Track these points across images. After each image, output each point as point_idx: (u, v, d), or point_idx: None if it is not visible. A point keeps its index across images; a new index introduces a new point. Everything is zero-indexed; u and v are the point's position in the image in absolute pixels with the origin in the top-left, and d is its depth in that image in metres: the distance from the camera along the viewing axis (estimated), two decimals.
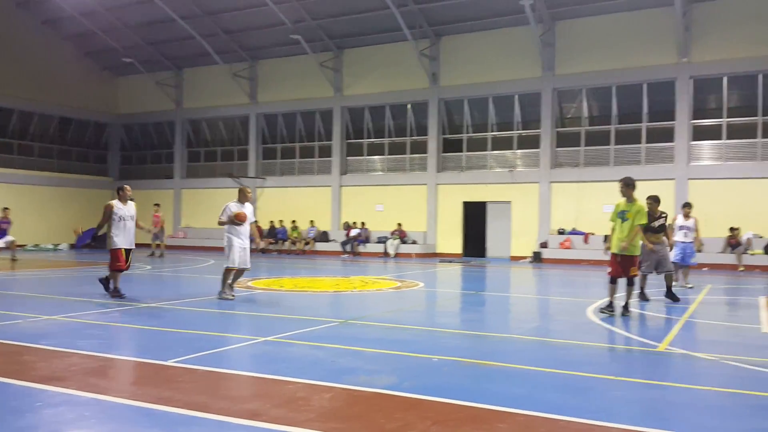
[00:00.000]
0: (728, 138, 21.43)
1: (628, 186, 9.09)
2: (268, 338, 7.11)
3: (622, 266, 9.05)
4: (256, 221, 10.96)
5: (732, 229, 20.18)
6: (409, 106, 26.68)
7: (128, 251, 10.50)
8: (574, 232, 23.07)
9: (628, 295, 9.06)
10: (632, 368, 6.00)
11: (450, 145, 26.07)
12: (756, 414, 4.51)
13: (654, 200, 10.92)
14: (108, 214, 10.35)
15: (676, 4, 20.36)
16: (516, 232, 24.41)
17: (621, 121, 23.08)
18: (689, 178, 21.40)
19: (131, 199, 10.75)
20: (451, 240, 25.42)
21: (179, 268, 18.02)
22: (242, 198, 10.65)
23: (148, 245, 23.17)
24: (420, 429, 4.03)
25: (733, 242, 20.05)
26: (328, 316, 9.05)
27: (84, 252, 26.49)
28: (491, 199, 24.92)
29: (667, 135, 22.11)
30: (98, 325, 7.94)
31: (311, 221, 27.37)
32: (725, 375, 5.77)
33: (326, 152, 28.35)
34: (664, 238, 11.04)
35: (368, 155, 27.67)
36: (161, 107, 32.30)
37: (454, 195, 25.40)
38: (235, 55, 29.13)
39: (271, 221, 28.18)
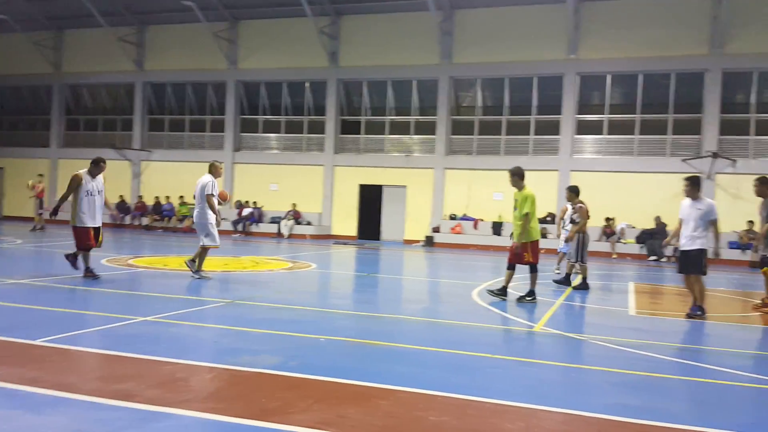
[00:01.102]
0: (609, 133, 22.83)
1: (513, 175, 9.37)
2: (148, 318, 6.78)
3: (518, 253, 9.18)
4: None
5: (607, 219, 21.59)
6: (307, 84, 26.32)
7: (96, 230, 9.59)
8: (465, 218, 23.80)
9: (532, 282, 9.24)
10: (510, 347, 6.26)
11: (348, 127, 26.02)
12: (619, 391, 4.82)
13: (570, 190, 11.35)
14: (74, 186, 9.41)
15: (568, 1, 21.33)
16: (410, 216, 24.84)
17: (512, 112, 23.97)
18: (572, 170, 22.61)
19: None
20: (346, 222, 25.48)
21: (56, 243, 16.84)
22: (217, 173, 10.39)
23: (32, 219, 21.51)
24: (301, 408, 4.00)
25: (608, 231, 21.47)
26: (214, 296, 8.77)
27: None
28: (387, 182, 25.16)
29: (554, 128, 23.23)
30: None
31: None
32: (593, 354, 6.15)
33: (218, 127, 27.43)
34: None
35: (263, 132, 27.07)
36: (38, 70, 29.83)
37: (350, 177, 25.42)
38: (122, 18, 27.39)
39: (157, 197, 26.99)
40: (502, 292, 9.30)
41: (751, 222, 20.32)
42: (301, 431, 3.59)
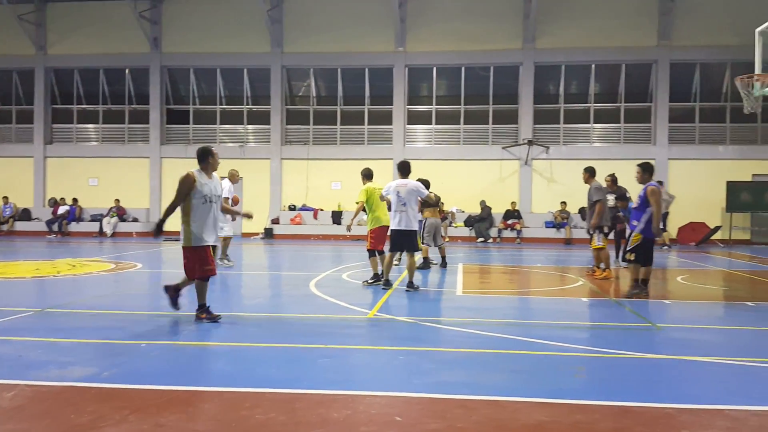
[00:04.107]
0: (437, 123, 23.89)
1: (362, 175, 10.49)
2: None
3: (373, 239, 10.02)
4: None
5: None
6: (127, 71, 24.60)
7: (214, 249, 7.15)
8: (304, 208, 23.70)
9: (378, 266, 9.96)
10: (342, 336, 6.26)
11: (175, 117, 24.73)
12: (442, 368, 5.00)
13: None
14: (186, 191, 6.91)
15: None
16: (247, 209, 24.13)
17: (346, 102, 24.22)
18: (405, 159, 23.31)
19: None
20: (178, 217, 24.07)
21: None
22: (234, 180, 11.82)
23: None
24: (115, 420, 3.71)
25: (440, 216, 22.48)
26: (19, 305, 7.85)
27: None
28: (222, 174, 24.15)
29: (387, 118, 23.83)
30: None
31: (5, 197, 23.76)
32: (420, 335, 6.35)
33: (26, 118, 24.81)
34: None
35: (79, 123, 24.91)
36: None
37: (180, 169, 23.93)
38: None
39: None
40: (379, 279, 9.76)
41: (564, 203, 22.40)
42: None
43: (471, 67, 23.52)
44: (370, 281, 9.88)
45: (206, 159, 7.07)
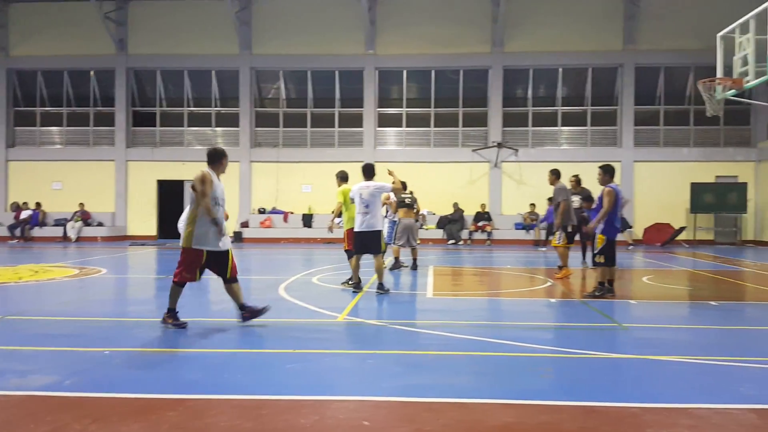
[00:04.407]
0: (407, 126, 23.94)
1: (336, 177, 10.19)
2: None
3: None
4: None
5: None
6: (92, 73, 24.16)
7: (222, 256, 6.76)
8: (274, 212, 23.53)
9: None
10: (310, 340, 6.19)
11: (142, 119, 24.37)
12: (410, 371, 4.99)
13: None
14: (209, 188, 6.48)
15: None
16: None
17: (316, 105, 24.14)
18: (376, 161, 23.26)
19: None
20: (144, 221, 23.88)
21: None
22: None
23: None
24: (76, 429, 3.63)
25: (415, 217, 22.51)
26: None
27: None
28: (189, 177, 23.87)
29: (357, 120, 23.80)
30: None
31: None
32: (389, 339, 6.34)
33: None
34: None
35: (42, 126, 24.40)
36: None
37: (147, 172, 23.85)
38: None
39: None
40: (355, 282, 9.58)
41: (533, 205, 22.62)
42: None
43: (441, 70, 23.65)
44: (349, 282, 9.79)
45: (220, 159, 6.74)
